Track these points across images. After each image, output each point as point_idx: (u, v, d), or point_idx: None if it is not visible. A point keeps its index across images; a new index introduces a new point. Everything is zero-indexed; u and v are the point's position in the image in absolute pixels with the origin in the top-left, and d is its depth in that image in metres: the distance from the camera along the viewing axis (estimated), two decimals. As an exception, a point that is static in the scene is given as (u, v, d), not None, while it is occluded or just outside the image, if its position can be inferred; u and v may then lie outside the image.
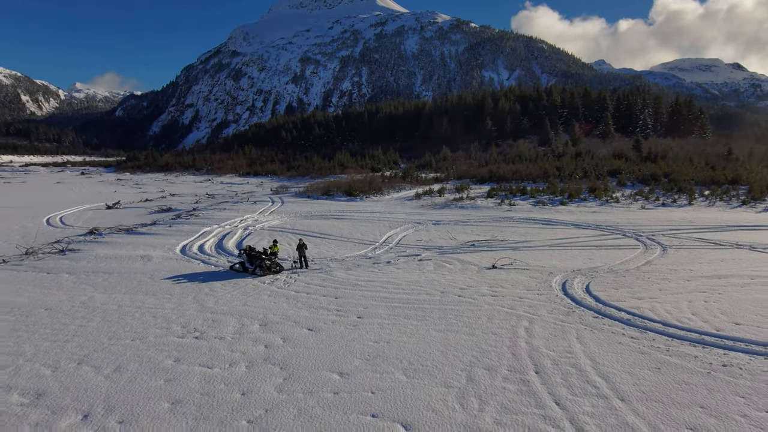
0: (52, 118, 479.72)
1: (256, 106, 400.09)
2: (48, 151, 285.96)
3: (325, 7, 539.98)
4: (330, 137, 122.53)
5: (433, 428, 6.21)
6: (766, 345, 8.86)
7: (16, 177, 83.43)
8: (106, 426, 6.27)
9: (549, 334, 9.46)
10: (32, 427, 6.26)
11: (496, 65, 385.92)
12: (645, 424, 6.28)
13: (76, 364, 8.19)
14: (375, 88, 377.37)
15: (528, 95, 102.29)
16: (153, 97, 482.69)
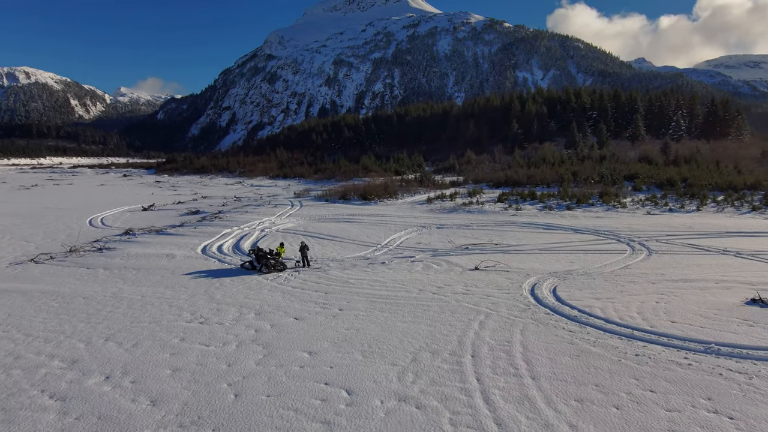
0: (99, 122, 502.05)
1: (291, 108, 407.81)
2: (94, 153, 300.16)
3: (358, 9, 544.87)
4: (359, 140, 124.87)
5: (369, 394, 7.86)
6: (684, 340, 10.07)
7: (65, 179, 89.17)
8: (121, 384, 8.22)
9: (498, 326, 10.92)
10: (68, 383, 8.26)
11: (530, 65, 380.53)
12: (542, 396, 7.74)
13: (103, 340, 10.25)
14: (407, 89, 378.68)
15: (556, 97, 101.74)
16: (192, 101, 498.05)
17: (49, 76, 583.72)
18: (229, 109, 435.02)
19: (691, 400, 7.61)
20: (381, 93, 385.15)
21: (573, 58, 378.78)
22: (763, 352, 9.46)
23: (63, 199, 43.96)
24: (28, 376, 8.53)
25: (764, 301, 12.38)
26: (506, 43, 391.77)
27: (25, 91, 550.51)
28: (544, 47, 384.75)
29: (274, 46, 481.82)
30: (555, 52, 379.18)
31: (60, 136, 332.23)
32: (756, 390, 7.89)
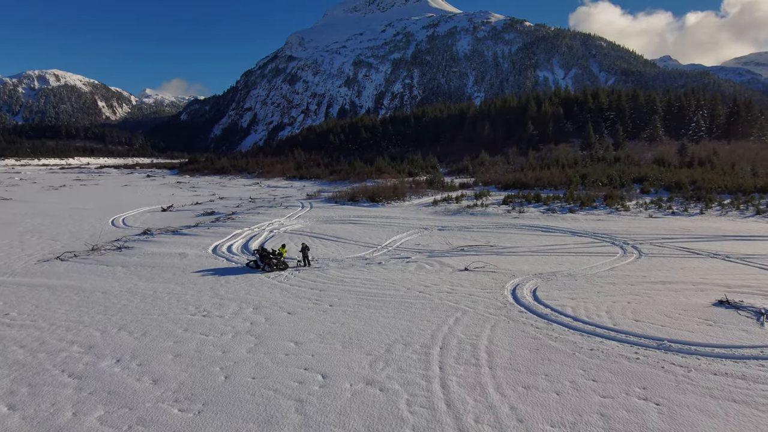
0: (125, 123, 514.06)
1: (310, 109, 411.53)
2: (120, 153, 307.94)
3: (378, 10, 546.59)
4: (376, 141, 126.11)
5: (341, 378, 8.96)
6: (641, 337, 10.90)
7: (91, 179, 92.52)
8: (129, 366, 9.49)
9: (472, 323, 11.90)
10: (84, 365, 9.57)
11: (551, 64, 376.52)
12: (494, 383, 8.73)
13: (117, 329, 11.58)
14: (426, 90, 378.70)
15: (573, 98, 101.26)
16: (215, 102, 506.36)
17: (78, 78, 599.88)
18: (251, 110, 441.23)
19: (626, 388, 8.50)
20: (400, 93, 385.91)
21: (595, 56, 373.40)
22: (709, 348, 10.25)
23: (88, 200, 46.19)
24: (50, 359, 9.88)
25: (730, 303, 13.07)
26: (527, 43, 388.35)
27: (54, 93, 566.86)
28: (565, 46, 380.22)
29: (294, 48, 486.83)
30: (577, 51, 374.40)
31: (88, 137, 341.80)
32: (689, 381, 8.73)
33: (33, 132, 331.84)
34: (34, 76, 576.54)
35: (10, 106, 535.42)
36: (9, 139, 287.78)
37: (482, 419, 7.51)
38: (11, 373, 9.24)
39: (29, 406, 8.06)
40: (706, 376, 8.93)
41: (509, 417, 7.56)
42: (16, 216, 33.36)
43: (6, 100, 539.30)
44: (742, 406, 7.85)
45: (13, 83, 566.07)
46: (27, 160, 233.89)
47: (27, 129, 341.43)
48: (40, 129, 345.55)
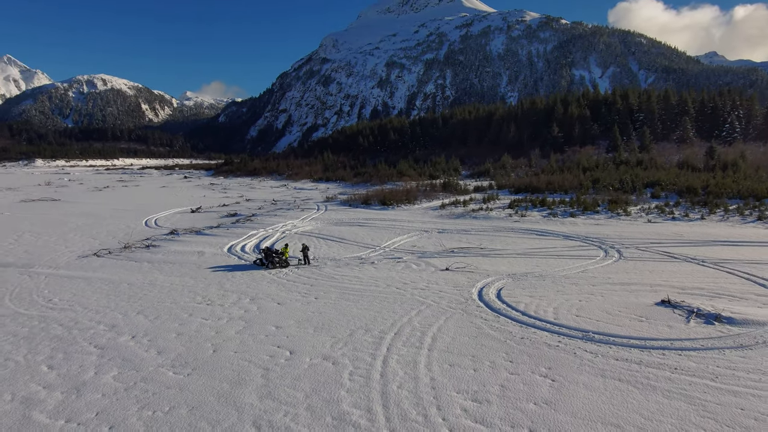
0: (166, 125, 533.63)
1: (344, 110, 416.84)
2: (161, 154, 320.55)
3: (411, 11, 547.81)
4: (404, 143, 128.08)
5: (304, 354, 11.09)
6: (572, 329, 12.56)
7: (133, 180, 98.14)
8: (141, 341, 11.92)
9: (430, 314, 13.81)
10: (107, 339, 12.06)
11: (588, 63, 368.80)
12: (426, 361, 10.66)
13: (135, 313, 14.10)
14: (459, 90, 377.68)
15: (601, 99, 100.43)
16: (251, 104, 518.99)
17: (123, 82, 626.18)
18: (285, 112, 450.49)
19: (534, 368, 10.29)
20: (432, 94, 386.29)
21: (634, 54, 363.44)
22: (626, 339, 11.84)
23: (127, 201, 50.11)
24: (81, 334, 12.43)
25: (671, 302, 14.48)
26: (562, 41, 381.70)
27: (102, 97, 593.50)
28: (603, 44, 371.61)
29: (328, 50, 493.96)
30: (615, 49, 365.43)
31: (131, 139, 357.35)
32: (591, 364, 10.43)
33: (81, 134, 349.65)
34: (83, 81, 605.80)
35: (61, 109, 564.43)
36: (60, 141, 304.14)
37: (404, 386, 9.48)
38: (51, 344, 11.83)
39: (63, 366, 10.56)
40: (607, 361, 10.60)
41: (426, 385, 9.50)
42: (64, 216, 37.12)
43: (57, 104, 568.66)
44: (622, 384, 9.53)
45: (64, 88, 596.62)
46: (76, 162, 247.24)
47: (76, 131, 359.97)
48: (88, 131, 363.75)
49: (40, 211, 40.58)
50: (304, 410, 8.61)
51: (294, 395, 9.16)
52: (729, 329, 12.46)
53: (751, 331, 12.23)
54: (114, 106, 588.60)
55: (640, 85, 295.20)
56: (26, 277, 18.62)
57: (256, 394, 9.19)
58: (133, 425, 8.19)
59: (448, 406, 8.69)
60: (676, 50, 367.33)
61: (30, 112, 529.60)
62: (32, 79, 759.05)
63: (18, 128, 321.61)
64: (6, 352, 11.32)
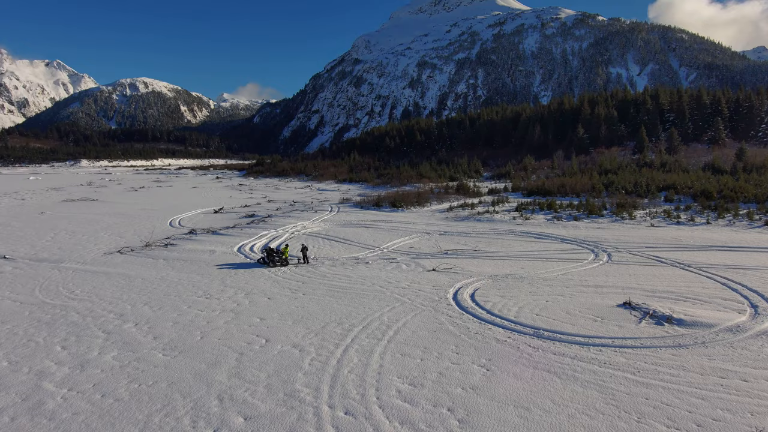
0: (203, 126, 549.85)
1: (375, 110, 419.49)
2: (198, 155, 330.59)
3: (444, 10, 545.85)
4: (430, 144, 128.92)
5: (278, 342, 12.64)
6: (527, 326, 13.66)
7: (168, 180, 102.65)
8: (142, 328, 13.75)
9: (402, 311, 15.14)
10: (114, 326, 13.96)
11: (626, 60, 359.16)
12: (381, 351, 12.02)
13: (142, 304, 16.02)
14: (491, 89, 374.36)
15: (631, 99, 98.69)
16: (285, 105, 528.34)
17: (163, 85, 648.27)
18: (318, 113, 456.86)
19: (476, 359, 11.51)
20: (464, 94, 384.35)
21: (675, 50, 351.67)
22: (571, 336, 12.88)
23: (158, 201, 53.23)
24: (94, 321, 14.39)
25: (631, 304, 15.33)
26: (599, 38, 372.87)
27: (143, 99, 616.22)
28: (641, 40, 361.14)
29: (360, 51, 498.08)
30: (654, 45, 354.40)
31: (170, 140, 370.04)
32: (528, 357, 11.57)
33: (123, 135, 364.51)
34: (126, 84, 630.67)
35: (105, 111, 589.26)
36: (103, 143, 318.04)
37: (354, 371, 10.89)
38: (67, 329, 13.81)
39: (74, 347, 12.47)
40: (545, 355, 11.71)
41: (374, 371, 10.88)
42: (97, 215, 40.14)
43: (102, 106, 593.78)
44: (549, 375, 10.65)
45: (108, 91, 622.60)
46: (118, 162, 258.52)
47: (119, 133, 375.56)
48: (129, 132, 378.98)
49: (78, 210, 43.87)
50: (262, 388, 10.15)
51: (258, 375, 10.71)
52: (675, 330, 13.30)
53: (696, 332, 13.05)
54: (155, 108, 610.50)
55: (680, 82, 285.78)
56: (56, 271, 20.96)
57: (227, 374, 10.79)
58: (121, 395, 9.90)
59: (386, 388, 10.05)
60: (720, 46, 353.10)
61: (77, 114, 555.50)
62: (79, 83, 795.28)
63: (66, 130, 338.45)
64: (30, 335, 13.34)
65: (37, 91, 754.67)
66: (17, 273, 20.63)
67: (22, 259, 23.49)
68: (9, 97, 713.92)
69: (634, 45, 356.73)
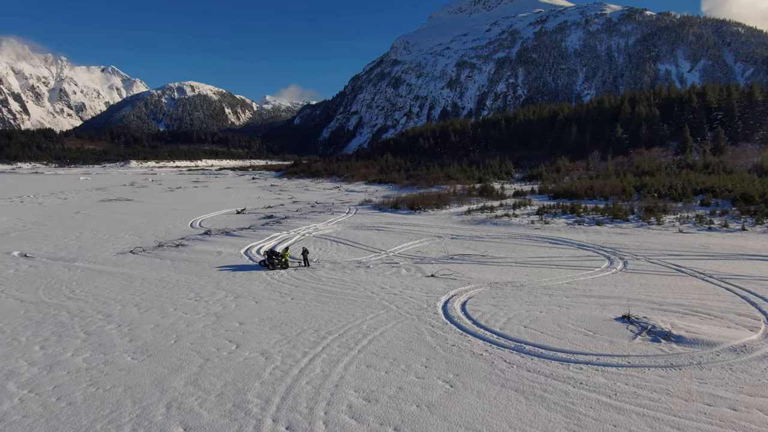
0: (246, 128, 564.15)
1: (413, 111, 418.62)
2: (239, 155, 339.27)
3: (484, 9, 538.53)
4: (464, 145, 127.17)
5: (248, 349, 12.46)
6: (510, 339, 12.93)
7: (207, 181, 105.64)
8: (122, 330, 13.90)
9: (384, 318, 14.69)
10: (96, 327, 14.18)
11: (675, 56, 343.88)
12: (348, 361, 11.62)
13: (133, 306, 16.26)
14: (531, 89, 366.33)
15: (675, 97, 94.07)
16: (325, 106, 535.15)
17: (209, 88, 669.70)
18: (356, 114, 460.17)
19: (443, 373, 10.94)
20: (503, 94, 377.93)
21: (730, 45, 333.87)
22: (554, 352, 12.08)
23: (188, 202, 54.72)
24: (79, 321, 14.69)
25: (630, 318, 14.30)
26: (646, 34, 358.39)
27: (190, 102, 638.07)
28: (693, 35, 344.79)
29: (399, 51, 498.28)
30: (707, 40, 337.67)
31: (214, 141, 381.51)
32: (500, 373, 10.90)
33: (170, 137, 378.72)
34: (174, 88, 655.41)
35: (155, 114, 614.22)
36: (151, 144, 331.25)
37: (312, 382, 10.55)
38: (53, 328, 14.15)
39: (51, 347, 12.72)
40: (519, 371, 11.01)
41: (332, 383, 10.51)
42: (126, 215, 41.58)
43: (152, 109, 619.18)
44: (516, 394, 9.97)
45: (158, 94, 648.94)
46: (164, 163, 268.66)
47: (166, 135, 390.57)
48: (176, 134, 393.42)
49: (110, 210, 45.62)
50: (214, 396, 9.96)
51: (214, 383, 10.55)
52: (671, 348, 12.27)
53: (694, 351, 11.99)
54: (200, 111, 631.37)
55: (736, 79, 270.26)
56: (66, 270, 21.69)
57: (184, 381, 10.68)
58: (76, 398, 9.95)
59: (338, 402, 9.66)
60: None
61: (129, 117, 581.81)
62: (132, 87, 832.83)
63: (117, 132, 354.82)
64: (15, 333, 13.74)
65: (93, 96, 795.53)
66: (30, 271, 21.47)
67: (41, 257, 24.47)
68: (68, 102, 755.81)
69: (685, 40, 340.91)
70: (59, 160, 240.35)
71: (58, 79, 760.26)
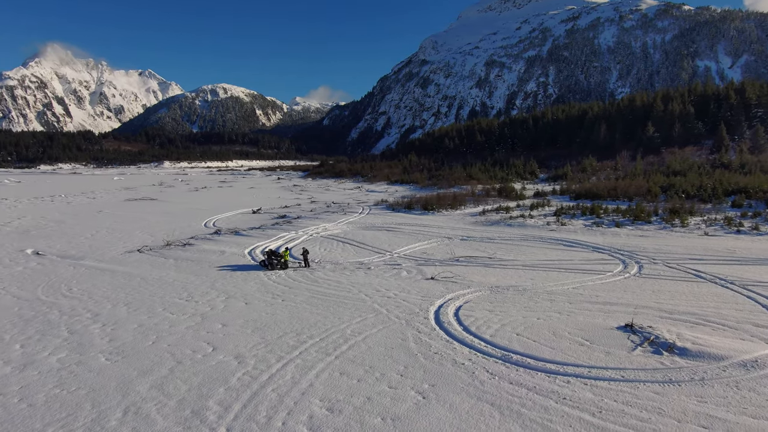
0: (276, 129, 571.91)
1: (441, 111, 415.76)
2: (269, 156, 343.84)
3: (514, 7, 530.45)
4: (489, 145, 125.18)
5: (223, 352, 12.11)
6: (498, 348, 12.17)
7: (233, 181, 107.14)
8: (105, 330, 13.78)
9: (371, 323, 14.12)
10: (81, 326, 14.11)
11: (715, 52, 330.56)
12: (322, 367, 11.10)
13: (123, 304, 16.20)
14: (562, 87, 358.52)
15: (711, 94, 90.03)
16: (353, 107, 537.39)
17: (241, 90, 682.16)
18: (385, 114, 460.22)
19: (418, 384, 10.30)
20: (534, 93, 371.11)
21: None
22: (543, 363, 11.26)
23: (209, 201, 55.37)
24: (66, 320, 14.68)
25: (632, 327, 13.30)
26: (684, 29, 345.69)
27: (223, 104, 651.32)
28: (734, 29, 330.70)
29: (427, 51, 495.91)
30: (749, 35, 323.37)
31: (244, 142, 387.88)
32: (479, 385, 10.18)
33: (203, 138, 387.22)
34: (207, 90, 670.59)
35: (189, 116, 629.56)
36: (185, 145, 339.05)
37: (279, 389, 10.09)
38: (39, 327, 14.16)
39: (31, 347, 12.68)
40: (499, 383, 10.27)
41: (299, 391, 10.01)
42: (146, 214, 42.27)
43: (186, 111, 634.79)
44: (492, 409, 9.26)
45: (192, 97, 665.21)
46: (196, 163, 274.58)
47: (199, 136, 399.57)
48: (208, 136, 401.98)
49: (132, 209, 46.53)
50: (175, 402, 9.62)
51: (179, 388, 10.21)
52: (673, 361, 11.29)
53: (698, 366, 10.99)
54: (233, 112, 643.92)
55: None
56: (71, 268, 21.96)
57: (150, 384, 10.39)
58: (37, 400, 9.78)
59: (299, 412, 9.17)
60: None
61: (164, 119, 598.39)
62: (167, 90, 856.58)
63: (152, 134, 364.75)
64: (1, 331, 13.80)
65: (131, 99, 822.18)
66: (37, 269, 21.84)
67: (52, 255, 24.92)
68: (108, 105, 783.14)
69: (726, 35, 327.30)
70: (97, 161, 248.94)
71: (99, 83, 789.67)
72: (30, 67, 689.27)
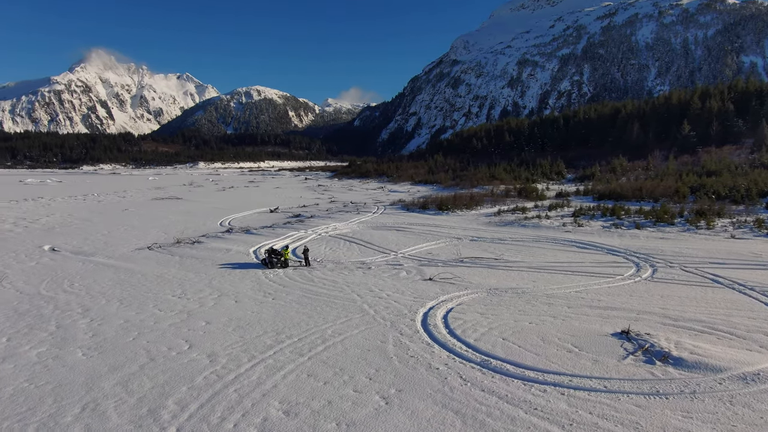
0: (308, 130, 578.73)
1: (472, 111, 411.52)
2: (300, 157, 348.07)
3: (547, 5, 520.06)
4: (518, 144, 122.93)
5: (200, 349, 11.99)
6: (479, 352, 11.61)
7: (261, 181, 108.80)
8: (92, 325, 13.91)
9: (355, 323, 13.77)
10: (70, 321, 14.30)
11: (762, 47, 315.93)
12: (292, 367, 10.83)
13: (116, 300, 16.37)
14: (597, 86, 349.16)
15: (753, 90, 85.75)
16: (384, 108, 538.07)
17: (274, 92, 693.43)
18: (415, 115, 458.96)
19: (385, 387, 9.88)
20: (568, 91, 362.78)
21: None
22: (522, 370, 10.64)
23: (232, 201, 56.20)
24: (58, 314, 14.91)
25: (629, 334, 12.49)
26: (728, 24, 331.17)
27: (256, 106, 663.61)
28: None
29: (459, 51, 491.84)
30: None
31: (277, 143, 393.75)
32: (448, 392, 9.67)
33: (237, 139, 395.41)
34: (242, 93, 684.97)
35: (224, 118, 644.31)
36: (219, 146, 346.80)
37: (241, 390, 9.85)
38: (31, 321, 14.43)
39: (16, 340, 12.90)
40: (471, 391, 9.74)
41: (260, 392, 9.74)
42: (168, 213, 43.17)
43: (222, 113, 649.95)
44: (454, 416, 8.76)
45: (227, 99, 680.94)
46: (229, 164, 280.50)
47: (233, 137, 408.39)
48: (242, 137, 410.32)
49: (156, 208, 47.65)
50: (135, 400, 9.51)
51: (143, 385, 10.12)
52: (666, 372, 10.49)
53: (692, 378, 10.17)
54: (266, 114, 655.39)
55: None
56: (80, 264, 22.47)
57: (116, 381, 10.34)
58: (3, 394, 9.86)
59: (255, 414, 8.90)
60: None
61: (201, 121, 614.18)
62: (204, 93, 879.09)
63: (189, 135, 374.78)
64: (-6, 325, 14.12)
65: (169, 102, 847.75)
66: (48, 264, 22.44)
67: (66, 251, 25.62)
68: (148, 108, 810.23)
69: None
70: (136, 162, 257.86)
71: (140, 87, 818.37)
72: (76, 72, 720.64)
